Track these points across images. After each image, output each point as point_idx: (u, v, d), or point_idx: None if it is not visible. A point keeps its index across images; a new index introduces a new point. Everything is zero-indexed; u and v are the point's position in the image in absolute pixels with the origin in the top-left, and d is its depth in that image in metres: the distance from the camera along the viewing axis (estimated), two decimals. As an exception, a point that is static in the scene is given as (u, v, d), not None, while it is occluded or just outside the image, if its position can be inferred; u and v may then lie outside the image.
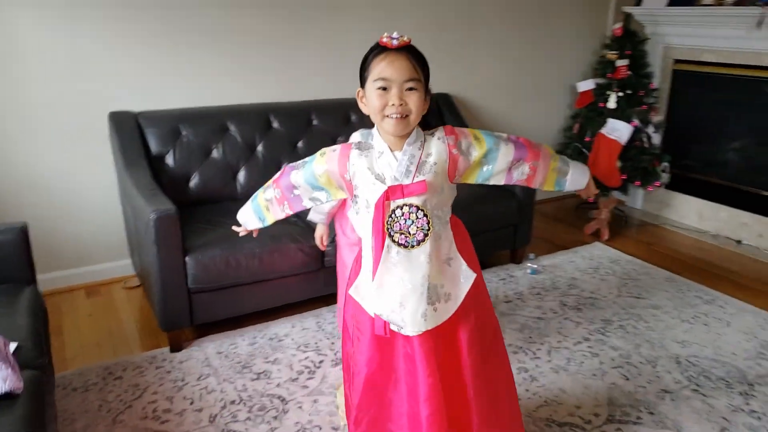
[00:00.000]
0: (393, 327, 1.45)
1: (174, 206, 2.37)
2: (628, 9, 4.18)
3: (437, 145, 1.43)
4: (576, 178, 1.59)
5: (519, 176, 1.51)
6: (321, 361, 2.40)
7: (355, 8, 3.41)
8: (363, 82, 1.41)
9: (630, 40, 3.91)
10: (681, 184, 4.12)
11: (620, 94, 3.81)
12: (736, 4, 3.63)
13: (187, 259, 2.41)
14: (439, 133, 1.45)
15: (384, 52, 1.36)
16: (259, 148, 3.13)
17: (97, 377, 2.31)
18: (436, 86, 3.77)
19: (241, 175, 3.08)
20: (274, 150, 3.15)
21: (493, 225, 3.19)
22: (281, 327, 2.67)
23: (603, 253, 3.56)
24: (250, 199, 1.72)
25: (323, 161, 1.48)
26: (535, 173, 1.52)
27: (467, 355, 1.49)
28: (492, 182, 1.51)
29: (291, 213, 1.61)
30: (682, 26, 4.00)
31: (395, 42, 1.36)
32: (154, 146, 2.93)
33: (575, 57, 4.38)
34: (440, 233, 1.45)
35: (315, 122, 3.27)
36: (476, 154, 1.45)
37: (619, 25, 3.95)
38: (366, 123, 1.52)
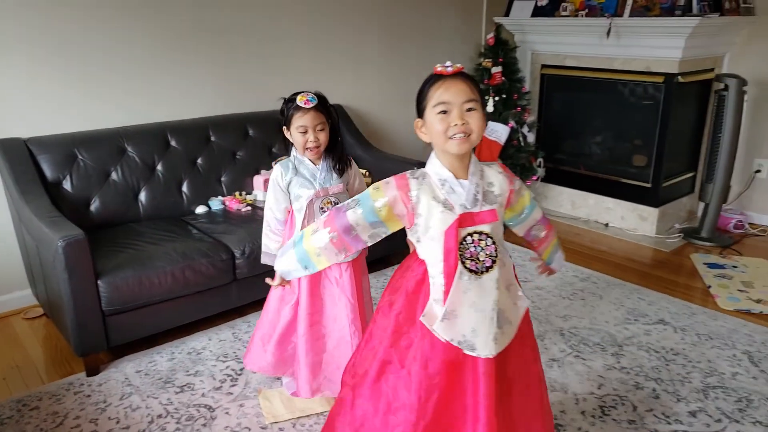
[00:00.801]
0: (466, 350, 1.46)
1: (82, 231, 2.38)
2: (498, 19, 4.56)
3: (498, 178, 1.52)
4: (558, 260, 1.86)
5: (534, 236, 1.74)
6: (242, 369, 2.50)
7: (243, 27, 3.51)
8: (421, 111, 1.48)
9: (502, 48, 4.29)
10: (555, 176, 4.56)
11: (497, 98, 4.18)
12: (588, 15, 4.09)
13: (99, 282, 2.42)
14: (496, 167, 1.54)
15: (440, 80, 1.44)
16: (159, 167, 3.16)
17: (11, 411, 2.27)
18: (331, 98, 3.97)
19: (143, 196, 3.10)
20: (174, 168, 3.19)
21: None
22: (198, 341, 2.73)
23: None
24: (288, 247, 1.67)
25: (380, 194, 1.49)
26: (546, 240, 1.76)
27: (535, 370, 1.63)
28: (515, 229, 1.71)
29: (349, 254, 1.61)
30: (546, 35, 4.43)
31: (449, 69, 1.44)
32: (49, 172, 2.89)
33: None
34: (504, 260, 1.51)
35: (213, 138, 3.34)
36: (521, 199, 1.62)
37: (491, 34, 4.32)
38: (271, 144, 1.68)
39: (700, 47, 3.85)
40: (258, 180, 3.33)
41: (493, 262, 1.46)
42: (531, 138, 4.31)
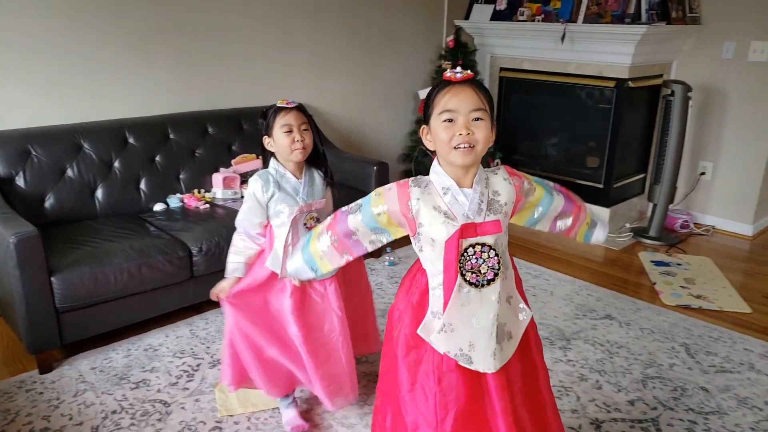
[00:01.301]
0: (463, 363, 1.41)
1: (34, 228, 2.37)
2: (458, 22, 4.65)
3: (504, 185, 1.44)
4: (598, 233, 1.70)
5: (562, 227, 1.62)
6: (198, 365, 2.53)
7: (203, 26, 3.51)
8: (427, 118, 1.42)
9: (462, 51, 4.39)
10: (511, 177, 4.66)
11: (455, 100, 4.26)
12: (544, 21, 4.21)
13: (53, 279, 2.41)
14: (502, 173, 1.46)
15: (448, 86, 1.38)
16: (116, 164, 3.15)
17: (-39, 408, 2.26)
18: (290, 96, 3.99)
19: (100, 193, 3.09)
20: (132, 166, 3.19)
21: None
22: (155, 338, 2.74)
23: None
24: (295, 251, 1.68)
25: (380, 201, 1.46)
26: (574, 225, 1.63)
27: (543, 379, 1.55)
28: (537, 227, 1.59)
29: (352, 258, 1.58)
30: (504, 39, 4.54)
31: (459, 75, 1.37)
32: (0, 168, 2.86)
33: (416, 67, 4.77)
34: (506, 272, 1.45)
35: (172, 136, 3.35)
36: (531, 198, 1.51)
37: (451, 37, 4.41)
38: (250, 148, 1.71)
39: (648, 54, 4.00)
40: (217, 178, 3.34)
41: (495, 275, 1.41)
42: (488, 139, 4.41)
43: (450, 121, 1.36)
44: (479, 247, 1.39)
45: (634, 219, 4.51)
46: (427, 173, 4.50)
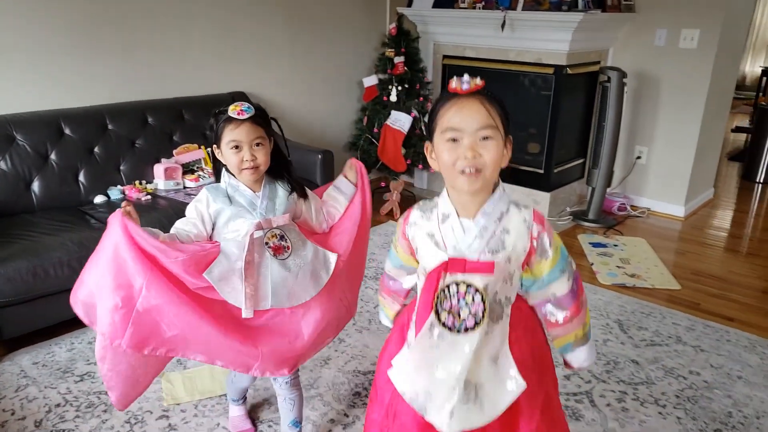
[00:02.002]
0: (417, 410, 1.27)
1: (-32, 222, 2.32)
2: (401, 10, 4.68)
3: (519, 226, 1.24)
4: (580, 354, 1.38)
5: (548, 315, 1.34)
6: (144, 356, 2.52)
7: (141, 14, 3.45)
8: (431, 134, 1.24)
9: (404, 39, 4.42)
10: (456, 163, 4.75)
11: (399, 88, 4.31)
12: (485, 8, 4.29)
13: (-11, 274, 2.37)
14: (526, 213, 1.25)
15: (452, 99, 1.20)
16: (53, 156, 3.08)
17: None
18: (231, 85, 3.95)
19: (36, 186, 3.02)
20: (69, 158, 3.12)
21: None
22: (98, 330, 2.71)
23: (396, 229, 4.03)
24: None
25: (398, 242, 1.39)
26: (559, 327, 1.34)
27: None
28: (529, 296, 1.34)
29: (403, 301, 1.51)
30: (446, 26, 4.60)
31: (465, 86, 1.19)
32: (-70, 162, 2.77)
33: (360, 54, 4.79)
34: (494, 327, 1.25)
35: (110, 126, 3.28)
36: (542, 261, 1.28)
37: (393, 24, 4.44)
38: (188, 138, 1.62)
39: (585, 41, 4.13)
40: (158, 169, 3.31)
41: (476, 324, 1.20)
42: (433, 126, 4.48)
43: (454, 140, 1.18)
44: (464, 287, 1.21)
45: (574, 203, 4.67)
46: (371, 162, 4.55)
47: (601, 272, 3.43)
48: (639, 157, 4.56)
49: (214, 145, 1.70)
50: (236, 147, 1.65)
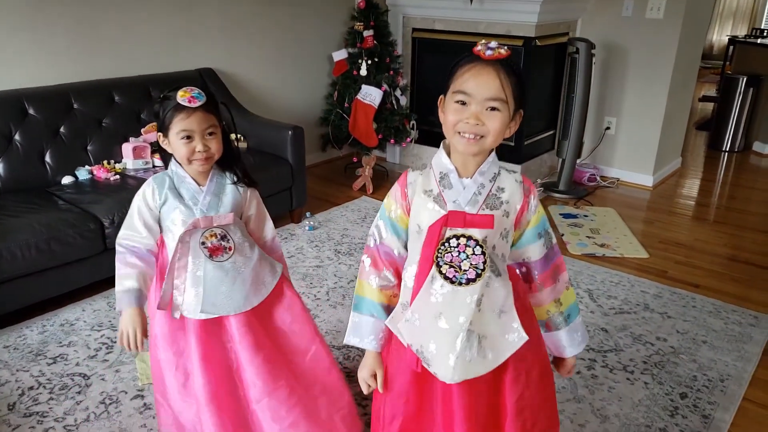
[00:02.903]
0: (424, 363, 1.31)
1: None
2: (369, -18, 4.62)
3: (512, 185, 1.28)
4: (558, 340, 1.41)
5: (523, 275, 1.40)
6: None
7: (105, -13, 3.37)
8: (446, 89, 1.26)
9: (373, 12, 4.36)
10: (428, 138, 4.74)
11: (369, 61, 4.28)
12: (454, -20, 4.26)
13: (-46, 258, 2.32)
14: (516, 176, 1.30)
15: (471, 63, 1.21)
16: (17, 137, 3.01)
17: None
18: (199, 61, 3.89)
19: (0, 168, 2.94)
20: (34, 138, 3.04)
21: (271, 190, 3.44)
22: (71, 312, 2.69)
23: (369, 204, 4.04)
24: (353, 317, 1.40)
25: (391, 203, 1.35)
26: (531, 292, 1.39)
27: (512, 422, 1.34)
28: (512, 254, 1.35)
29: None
30: (415, -1, 4.56)
31: (488, 52, 1.19)
32: None
33: (328, 29, 4.73)
34: (495, 278, 1.27)
35: (76, 105, 3.21)
36: (535, 216, 1.32)
37: (362, -3, 4.38)
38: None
39: (554, 12, 4.14)
40: (127, 148, 3.25)
41: (478, 275, 1.23)
42: (404, 101, 4.47)
43: (463, 103, 1.20)
44: (464, 239, 1.23)
45: (545, 174, 4.72)
46: (343, 137, 4.53)
47: (572, 243, 3.49)
48: (608, 128, 4.62)
49: (160, 134, 1.57)
50: (188, 137, 1.52)
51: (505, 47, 1.22)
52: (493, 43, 1.21)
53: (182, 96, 1.50)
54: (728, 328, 2.65)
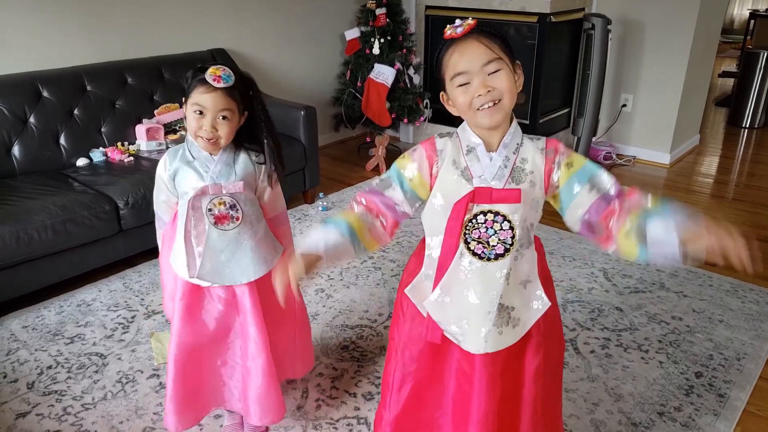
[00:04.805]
0: (449, 337, 1.32)
1: (-53, 188, 2.29)
2: (381, -40, 4.56)
3: (534, 153, 1.25)
4: (661, 244, 1.13)
5: (594, 231, 1.25)
6: (133, 316, 2.54)
7: (116, -32, 3.36)
8: (443, 84, 1.25)
9: (386, -11, 4.32)
10: (442, 117, 4.71)
11: (382, 40, 4.24)
12: (467, -45, 4.19)
13: (-28, 240, 2.35)
14: (540, 143, 1.27)
15: (452, 46, 1.21)
16: (32, 119, 3.02)
17: None
18: (211, 42, 3.87)
19: (16, 150, 2.97)
20: (49, 120, 3.06)
21: (284, 171, 3.44)
22: (87, 293, 2.72)
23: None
24: (311, 229, 1.31)
25: (409, 162, 1.29)
26: (613, 233, 1.21)
27: (530, 390, 1.36)
28: (569, 214, 1.26)
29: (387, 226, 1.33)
30: (428, -24, 4.50)
31: (459, 30, 1.20)
32: None
33: (341, 7, 4.69)
34: (523, 251, 1.27)
35: (89, 87, 3.22)
36: (568, 169, 1.25)
37: (374, -25, 4.33)
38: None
39: (570, -12, 4.07)
40: (140, 129, 3.26)
41: (506, 250, 1.23)
42: (417, 79, 4.43)
43: (464, 84, 1.19)
44: (492, 215, 1.22)
45: (561, 152, 4.66)
46: (355, 117, 4.50)
47: (587, 221, 3.45)
48: (624, 105, 4.55)
49: (183, 98, 1.59)
50: (200, 112, 1.53)
51: (470, 18, 1.23)
52: (457, 21, 1.22)
53: (211, 72, 1.51)
54: (745, 307, 2.62)
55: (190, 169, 1.61)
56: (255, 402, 1.77)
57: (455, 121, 1.28)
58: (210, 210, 1.60)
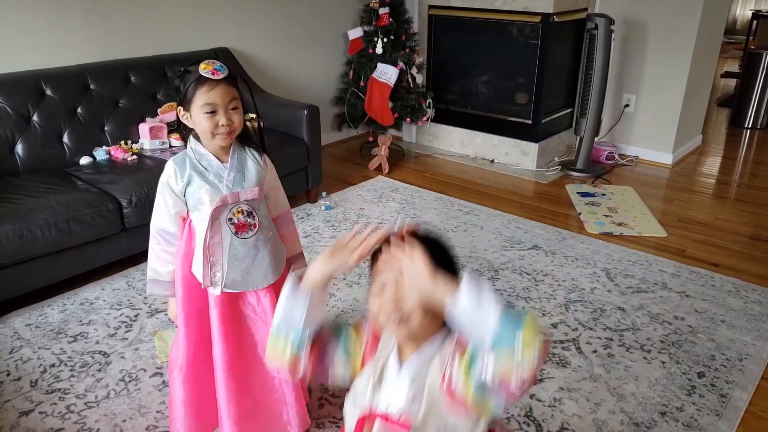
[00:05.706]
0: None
1: (-49, 187, 2.29)
2: (384, -40, 4.56)
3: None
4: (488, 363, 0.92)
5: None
6: (137, 315, 2.54)
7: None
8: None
9: (389, -11, 4.32)
10: (444, 117, 4.72)
11: (385, 39, 4.24)
12: (470, -45, 4.19)
13: (-24, 238, 2.36)
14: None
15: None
16: (35, 118, 3.03)
17: None
18: (213, 41, 3.88)
19: (20, 149, 2.98)
20: (52, 119, 3.07)
21: (287, 170, 3.43)
22: (91, 291, 2.73)
23: (385, 184, 4.03)
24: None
25: (364, 339, 1.19)
26: None
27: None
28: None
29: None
30: (431, -25, 4.50)
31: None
32: None
33: (344, 6, 4.69)
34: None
35: (92, 86, 3.23)
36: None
37: (377, -26, 4.33)
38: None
39: (573, -12, 4.06)
40: (143, 128, 3.27)
41: None
42: (420, 79, 4.43)
43: None
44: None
45: (563, 153, 4.67)
46: (358, 117, 4.52)
47: (589, 222, 3.46)
48: (627, 105, 4.54)
49: (180, 108, 1.55)
50: (212, 112, 1.50)
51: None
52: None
53: (205, 68, 1.48)
54: (747, 308, 2.62)
55: (203, 180, 1.58)
56: (295, 414, 1.80)
57: (453, 123, 1.28)
58: (230, 219, 1.60)
